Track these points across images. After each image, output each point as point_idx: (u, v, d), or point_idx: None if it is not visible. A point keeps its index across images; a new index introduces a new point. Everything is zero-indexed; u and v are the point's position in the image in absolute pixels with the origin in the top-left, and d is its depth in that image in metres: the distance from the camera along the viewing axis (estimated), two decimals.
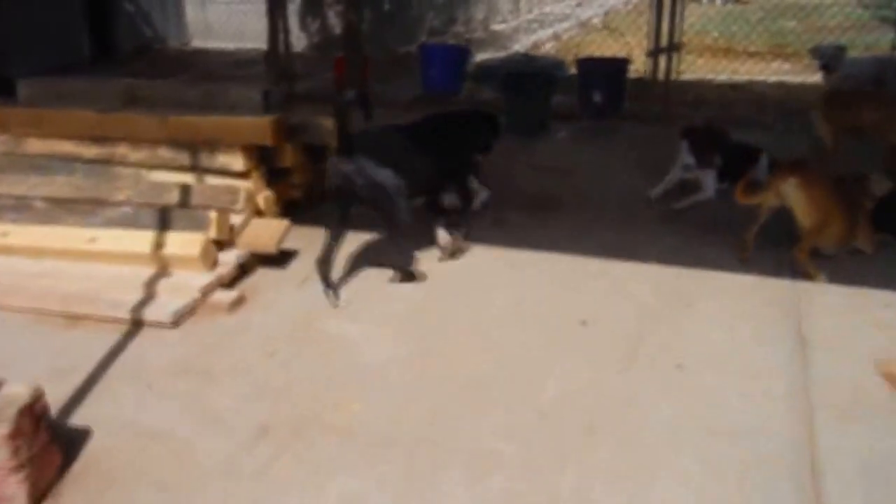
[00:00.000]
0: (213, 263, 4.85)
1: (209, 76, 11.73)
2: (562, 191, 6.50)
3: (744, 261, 5.11)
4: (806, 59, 12.23)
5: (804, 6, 15.76)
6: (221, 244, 4.96)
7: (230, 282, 4.88)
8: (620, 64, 8.55)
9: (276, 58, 10.03)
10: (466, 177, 5.80)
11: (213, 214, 4.85)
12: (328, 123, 5.37)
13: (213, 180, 5.46)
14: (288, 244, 5.28)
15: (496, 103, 8.47)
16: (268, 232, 5.09)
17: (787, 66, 12.47)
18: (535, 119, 8.40)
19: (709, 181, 6.22)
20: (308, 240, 5.44)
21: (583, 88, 8.63)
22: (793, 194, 4.90)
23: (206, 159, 5.41)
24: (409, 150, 4.94)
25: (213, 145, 5.38)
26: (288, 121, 5.47)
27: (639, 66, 9.16)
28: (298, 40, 13.67)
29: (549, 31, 15.24)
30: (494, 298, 4.70)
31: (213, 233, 4.84)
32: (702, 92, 9.91)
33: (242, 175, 5.41)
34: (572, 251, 5.27)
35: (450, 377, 3.92)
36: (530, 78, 8.37)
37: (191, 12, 14.81)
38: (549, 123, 8.52)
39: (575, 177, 6.87)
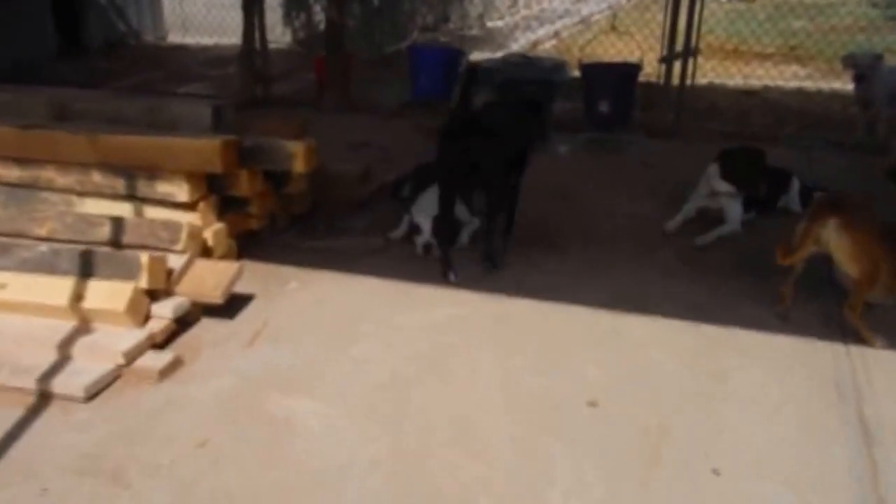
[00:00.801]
0: (144, 318, 4.00)
1: (180, 75, 10.87)
2: (564, 220, 5.66)
3: (783, 317, 4.27)
4: (821, 63, 11.50)
5: (812, 5, 14.96)
6: (156, 293, 4.10)
7: (164, 341, 4.03)
8: (630, 70, 7.70)
9: (250, 57, 9.14)
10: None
11: (144, 259, 3.98)
12: (291, 147, 4.52)
13: (153, 211, 4.61)
14: (241, 287, 4.45)
15: None
16: (214, 277, 4.24)
17: (801, 70, 11.60)
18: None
19: (735, 212, 5.38)
20: (265, 282, 4.61)
21: (588, 96, 7.78)
22: (835, 240, 4.10)
23: (144, 187, 4.56)
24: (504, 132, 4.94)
25: (153, 171, 4.52)
26: (242, 143, 4.60)
27: (648, 71, 8.27)
28: (282, 35, 12.81)
29: (549, 29, 14.38)
30: (482, 369, 3.85)
31: (144, 281, 3.98)
32: (714, 99, 9.07)
33: (188, 206, 4.54)
34: (576, 301, 4.44)
35: (426, 491, 3.07)
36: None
37: (168, 5, 13.93)
38: (549, 135, 7.65)
39: (579, 201, 6.02)
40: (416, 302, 4.48)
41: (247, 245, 5.03)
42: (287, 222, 5.42)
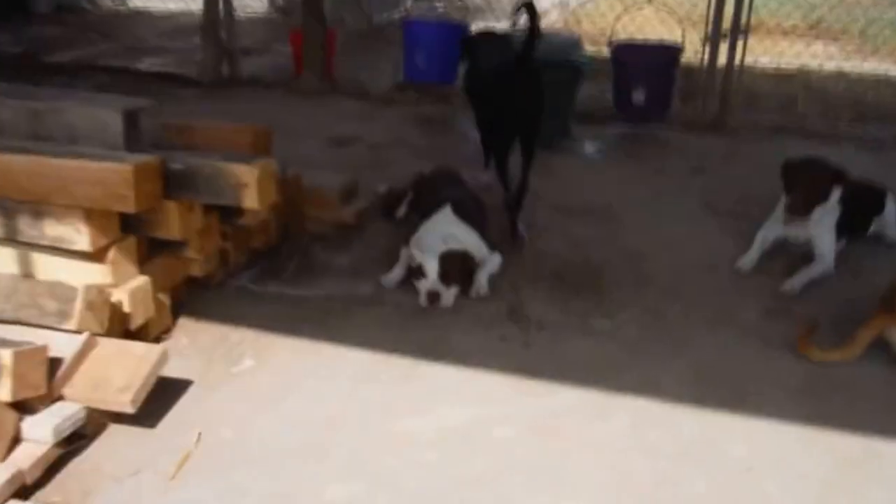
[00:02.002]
0: (8, 445, 2.57)
1: (135, 48, 9.29)
2: (607, 252, 4.25)
3: None
4: (850, 39, 10.06)
5: None
6: (30, 403, 2.68)
7: (40, 478, 2.61)
8: (671, 52, 6.20)
9: (214, 28, 7.59)
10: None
11: (6, 358, 2.54)
12: (240, 173, 3.07)
13: (42, 264, 3.16)
14: (172, 368, 3.07)
15: None
16: (124, 369, 2.83)
17: (831, 47, 10.10)
18: (555, 122, 6.07)
19: (827, 245, 4.02)
20: (208, 356, 3.28)
21: (619, 83, 6.30)
22: None
23: (26, 228, 3.12)
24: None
25: (39, 205, 3.06)
26: (169, 165, 3.13)
27: (687, 55, 6.78)
28: (259, 1, 11.23)
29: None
30: None
31: (5, 391, 2.55)
32: (752, 85, 7.57)
33: (92, 255, 3.09)
34: (644, 390, 3.05)
35: None
36: (551, 69, 5.99)
37: None
38: (572, 130, 6.20)
39: (622, 225, 4.60)
40: (421, 393, 3.09)
41: (187, 296, 3.62)
42: (245, 259, 3.99)
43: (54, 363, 2.78)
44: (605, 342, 3.39)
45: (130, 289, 3.17)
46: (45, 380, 2.70)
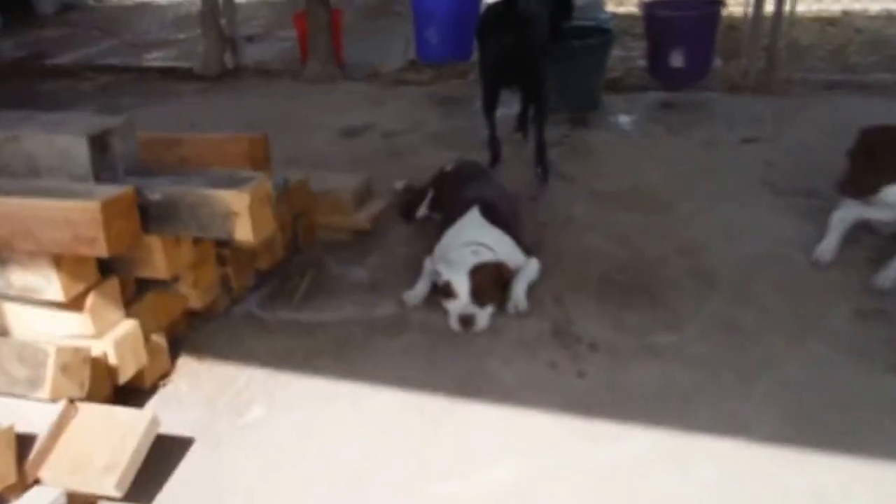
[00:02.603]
0: None
1: (141, 42, 8.81)
2: (656, 247, 3.71)
3: None
4: None
5: None
6: (1, 494, 2.25)
7: None
8: (711, 7, 5.57)
9: (213, 15, 7.08)
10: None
11: None
12: (230, 201, 2.58)
13: (17, 313, 2.71)
14: (171, 423, 2.64)
15: None
16: (107, 444, 2.39)
17: None
18: (584, 93, 5.53)
19: None
20: (211, 405, 2.91)
21: (653, 45, 5.70)
22: None
23: None
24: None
25: (2, 252, 2.60)
26: (146, 196, 2.64)
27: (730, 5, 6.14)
28: None
29: None
30: None
31: None
32: (798, 36, 6.92)
33: (68, 305, 2.63)
34: (723, 428, 2.53)
35: None
36: (579, 32, 5.42)
37: None
38: (603, 101, 5.64)
39: (670, 211, 4.05)
40: (459, 442, 2.60)
41: (188, 330, 3.18)
42: (251, 281, 3.51)
43: (27, 441, 2.34)
44: (671, 365, 2.86)
45: (116, 338, 2.71)
46: (14, 466, 2.25)
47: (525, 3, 4.33)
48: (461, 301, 3.14)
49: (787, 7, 5.75)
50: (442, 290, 3.21)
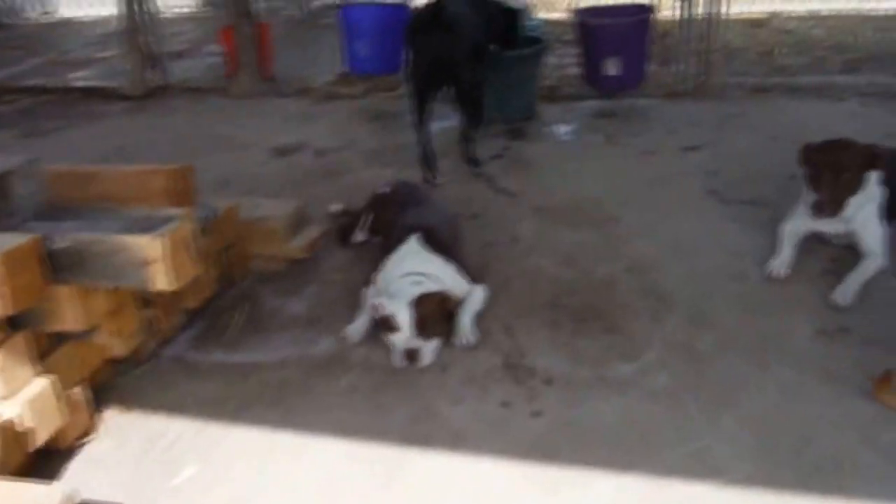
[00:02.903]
0: None
1: (63, 61, 8.35)
2: (606, 266, 3.50)
3: None
4: None
5: None
6: None
7: None
8: (643, 14, 5.41)
9: (136, 33, 6.69)
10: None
11: None
12: (143, 247, 2.28)
13: None
14: (95, 487, 2.31)
15: None
16: None
17: None
18: (519, 104, 5.32)
19: (875, 235, 3.27)
20: (136, 465, 2.60)
21: (587, 53, 5.52)
22: None
23: None
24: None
25: None
26: (51, 244, 2.32)
27: (662, 11, 5.99)
28: None
29: None
30: None
31: None
32: (729, 39, 6.80)
33: None
34: (692, 469, 2.32)
35: None
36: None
37: None
38: (539, 112, 5.44)
39: (618, 226, 3.86)
40: (412, 499, 2.32)
41: (112, 379, 2.86)
42: (180, 321, 3.20)
43: None
44: (631, 398, 2.65)
45: (28, 398, 2.39)
46: None
47: (455, 6, 4.28)
48: (404, 335, 2.88)
49: (717, 10, 5.62)
50: (383, 325, 2.95)
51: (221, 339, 3.18)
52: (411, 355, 2.87)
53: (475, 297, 3.15)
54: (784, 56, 6.54)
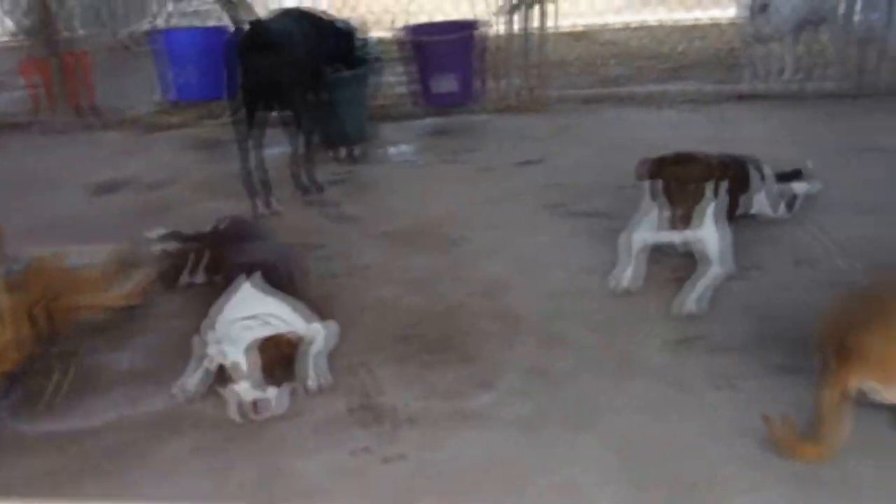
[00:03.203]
0: None
1: None
2: (455, 290, 3.36)
3: None
4: None
5: None
6: None
7: None
8: (471, 30, 5.32)
9: None
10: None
11: None
12: None
13: None
14: None
15: None
16: None
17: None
18: (356, 125, 5.10)
19: (721, 243, 3.27)
20: None
21: (419, 71, 5.39)
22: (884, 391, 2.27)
23: None
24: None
25: None
26: None
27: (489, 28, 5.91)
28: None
29: None
30: None
31: None
32: (555, 52, 6.88)
33: None
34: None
35: None
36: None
37: None
38: (374, 133, 5.24)
39: (463, 246, 3.73)
40: None
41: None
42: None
43: None
44: (492, 430, 2.47)
45: None
46: None
47: (283, 25, 4.14)
48: (246, 385, 2.60)
49: (544, 24, 5.63)
50: (222, 375, 2.65)
51: (45, 404, 2.78)
52: (255, 407, 2.59)
53: (322, 335, 2.89)
54: (608, 67, 6.66)
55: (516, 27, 5.64)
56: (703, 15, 7.90)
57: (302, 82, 4.19)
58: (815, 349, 2.42)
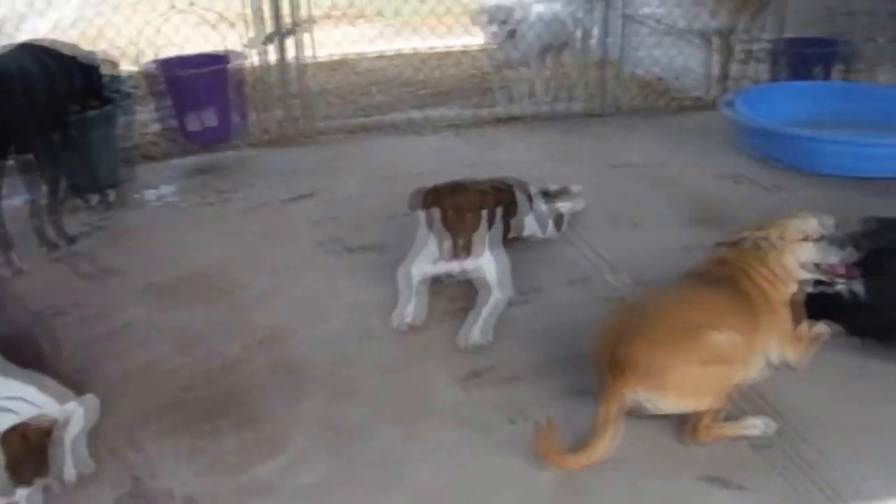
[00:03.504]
0: None
1: None
2: (234, 345, 3.06)
3: None
4: (393, 21, 9.65)
5: None
6: None
7: None
8: (223, 63, 5.01)
9: None
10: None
11: None
12: None
13: None
14: None
15: None
16: None
17: (373, 30, 9.53)
18: (108, 168, 4.60)
19: (500, 270, 3.24)
20: None
21: (177, 106, 4.99)
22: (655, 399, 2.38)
23: None
24: None
25: None
26: None
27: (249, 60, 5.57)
28: None
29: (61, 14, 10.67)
30: None
31: None
32: (317, 82, 6.66)
33: None
34: None
35: None
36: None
37: None
38: (129, 176, 4.76)
39: (239, 295, 3.44)
40: None
41: None
42: None
43: None
44: (282, 501, 2.24)
45: None
46: None
47: (12, 62, 3.61)
48: None
49: (303, 53, 5.42)
50: None
51: None
52: None
53: (80, 415, 2.49)
54: (369, 96, 6.57)
55: (273, 58, 5.36)
56: (456, 42, 8.02)
57: (41, 124, 3.70)
58: (591, 366, 2.46)
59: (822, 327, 2.83)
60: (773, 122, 4.70)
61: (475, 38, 6.92)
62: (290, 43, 5.38)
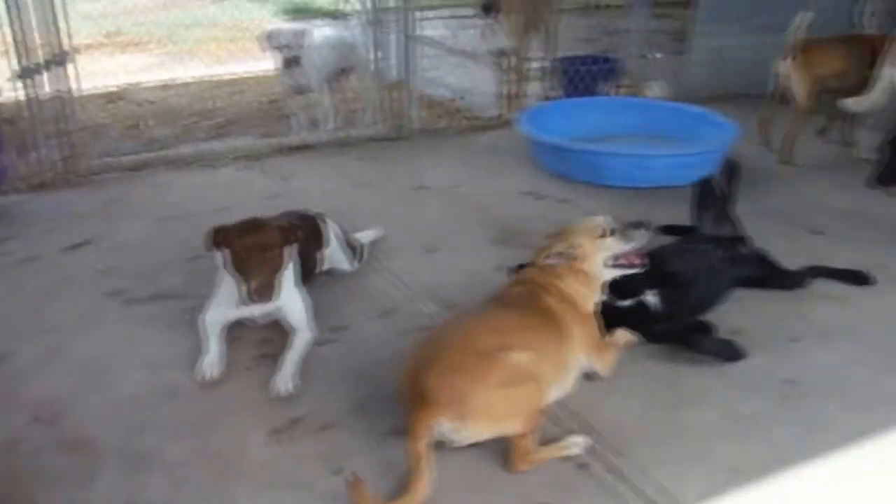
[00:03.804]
0: None
1: None
2: (6, 425, 2.60)
3: None
4: (167, 48, 9.09)
5: None
6: None
7: None
8: None
9: None
10: None
11: None
12: None
13: None
14: None
15: None
16: None
17: (145, 58, 8.98)
18: None
19: (300, 311, 3.04)
20: None
21: None
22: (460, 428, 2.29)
23: None
24: None
25: None
26: None
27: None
28: None
29: None
30: None
31: None
32: (88, 116, 6.11)
33: None
34: None
35: None
36: None
37: None
38: None
39: (11, 366, 2.96)
40: None
41: None
42: None
43: None
44: None
45: None
46: None
47: None
48: None
49: (68, 87, 4.88)
50: None
51: None
52: None
53: None
54: (152, 128, 6.09)
55: (37, 92, 4.78)
56: (240, 69, 7.69)
57: None
58: (397, 400, 2.33)
59: (625, 334, 2.87)
60: (555, 137, 4.81)
61: (262, 64, 6.64)
62: (56, 75, 4.83)
